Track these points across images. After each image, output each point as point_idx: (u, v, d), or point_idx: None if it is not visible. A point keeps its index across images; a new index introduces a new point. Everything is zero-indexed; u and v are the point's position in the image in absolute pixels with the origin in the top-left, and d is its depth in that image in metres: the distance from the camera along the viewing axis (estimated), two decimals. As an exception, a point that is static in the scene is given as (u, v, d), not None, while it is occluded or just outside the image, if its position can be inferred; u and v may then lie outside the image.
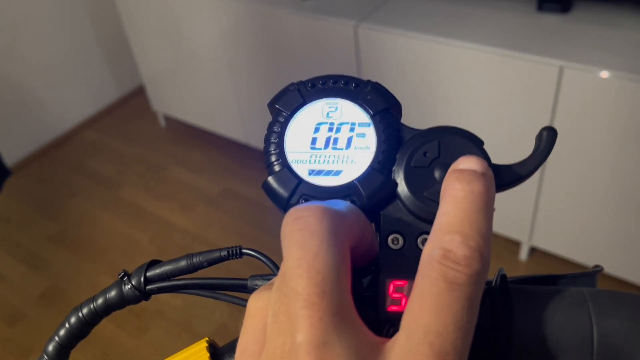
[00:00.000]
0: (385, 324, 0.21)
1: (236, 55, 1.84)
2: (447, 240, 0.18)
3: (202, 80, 2.04)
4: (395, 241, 0.23)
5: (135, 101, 2.67)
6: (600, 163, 1.26)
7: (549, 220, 1.45)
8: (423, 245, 0.23)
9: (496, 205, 0.20)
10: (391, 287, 0.22)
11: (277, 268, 0.31)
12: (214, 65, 1.94)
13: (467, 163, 0.21)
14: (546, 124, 1.25)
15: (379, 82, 0.25)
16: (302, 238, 0.18)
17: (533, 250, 1.61)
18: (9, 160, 2.08)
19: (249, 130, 2.04)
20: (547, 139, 0.23)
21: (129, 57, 2.32)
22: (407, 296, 0.22)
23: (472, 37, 1.31)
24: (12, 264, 1.92)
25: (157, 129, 2.48)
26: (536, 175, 1.36)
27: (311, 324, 0.17)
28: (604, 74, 1.15)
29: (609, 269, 1.43)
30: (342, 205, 0.22)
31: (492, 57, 1.27)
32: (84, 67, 2.50)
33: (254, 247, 0.32)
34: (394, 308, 0.22)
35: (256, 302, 0.21)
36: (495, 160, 0.23)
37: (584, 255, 1.46)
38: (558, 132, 0.23)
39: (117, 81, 2.65)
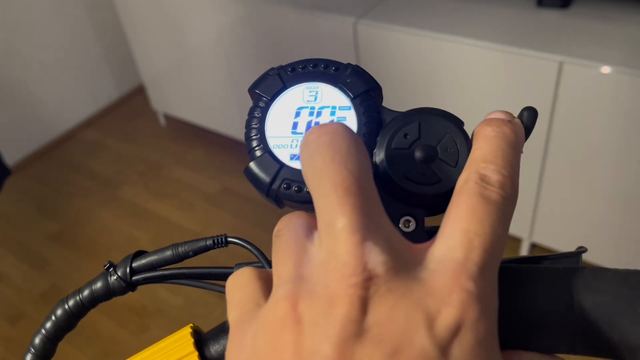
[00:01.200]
0: None
1: (235, 53, 1.84)
2: (482, 167, 0.20)
3: (201, 78, 2.04)
4: None
5: (135, 100, 2.68)
6: (600, 158, 1.26)
7: (549, 217, 1.45)
8: (405, 227, 0.22)
9: None
10: None
11: (263, 256, 0.30)
12: (213, 63, 1.94)
13: (496, 114, 0.23)
14: (546, 119, 1.24)
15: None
16: (331, 140, 0.18)
17: (534, 247, 1.60)
18: (9, 160, 2.08)
19: (248, 128, 2.04)
20: (528, 118, 0.23)
21: (128, 56, 2.32)
22: None
23: (472, 33, 1.30)
24: (13, 264, 1.92)
25: (157, 127, 2.48)
26: (536, 172, 1.35)
27: (353, 209, 0.17)
28: (604, 69, 1.14)
29: (610, 264, 1.42)
30: None
31: (492, 53, 1.27)
32: (84, 66, 2.50)
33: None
34: None
35: (236, 276, 0.21)
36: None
37: (585, 251, 1.46)
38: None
39: (117, 80, 2.65)
